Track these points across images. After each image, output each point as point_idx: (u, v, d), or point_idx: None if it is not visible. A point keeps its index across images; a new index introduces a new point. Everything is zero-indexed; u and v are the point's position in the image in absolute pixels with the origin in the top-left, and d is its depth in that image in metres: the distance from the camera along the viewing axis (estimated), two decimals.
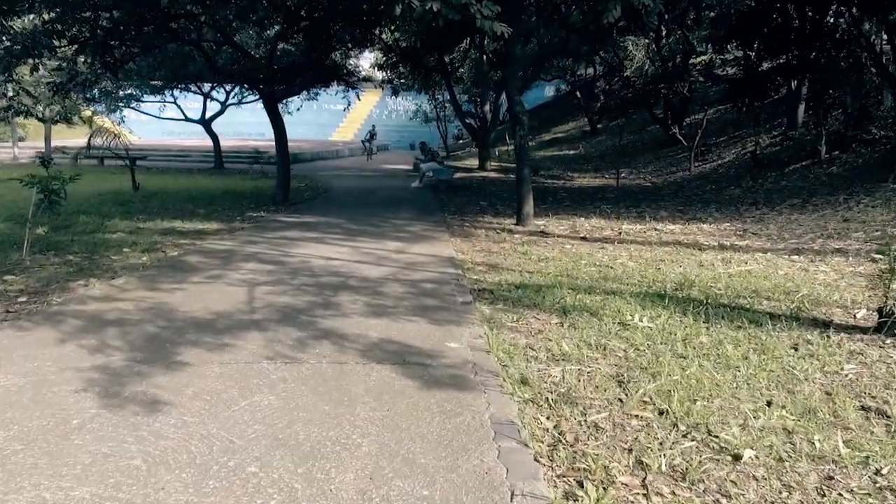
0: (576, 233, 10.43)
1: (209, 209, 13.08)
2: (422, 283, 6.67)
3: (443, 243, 9.25)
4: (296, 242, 9.10)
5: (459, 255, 8.32)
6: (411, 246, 8.97)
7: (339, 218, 11.85)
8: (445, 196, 15.89)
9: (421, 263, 7.73)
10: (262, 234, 9.95)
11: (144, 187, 17.21)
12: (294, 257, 8.01)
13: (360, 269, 7.34)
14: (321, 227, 10.61)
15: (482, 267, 7.63)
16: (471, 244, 9.29)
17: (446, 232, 10.35)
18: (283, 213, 12.73)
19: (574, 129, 31.90)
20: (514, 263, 7.90)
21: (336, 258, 7.96)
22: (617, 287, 6.70)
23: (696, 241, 9.42)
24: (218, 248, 8.68)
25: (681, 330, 5.24)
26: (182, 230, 10.36)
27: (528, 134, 11.26)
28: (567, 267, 7.67)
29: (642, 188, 17.58)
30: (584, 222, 11.48)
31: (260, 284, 6.44)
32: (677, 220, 11.53)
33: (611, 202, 14.48)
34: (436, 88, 26.64)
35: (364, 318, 5.23)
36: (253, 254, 8.17)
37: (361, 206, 13.76)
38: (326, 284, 6.49)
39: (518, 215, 11.15)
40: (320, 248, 8.73)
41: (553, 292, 6.31)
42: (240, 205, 13.85)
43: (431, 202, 14.74)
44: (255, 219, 11.81)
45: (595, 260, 8.11)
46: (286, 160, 13.84)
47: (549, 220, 11.63)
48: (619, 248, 9.02)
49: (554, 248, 8.98)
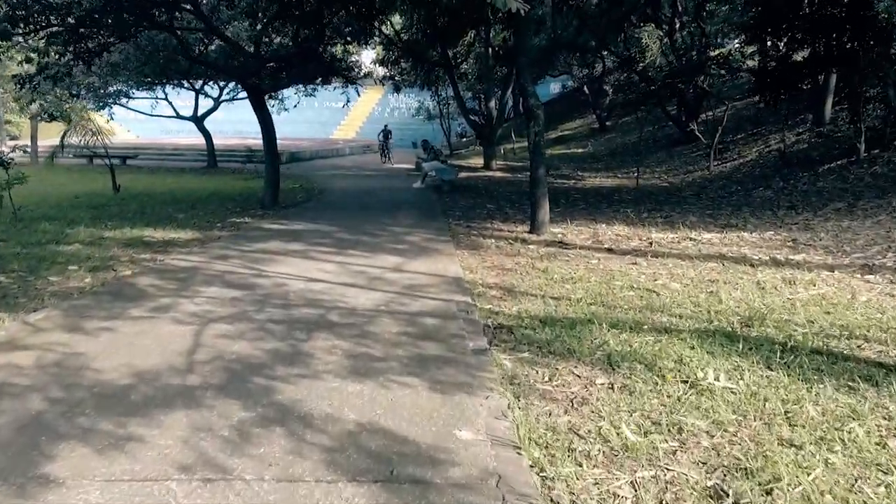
0: (599, 243, 8.90)
1: (189, 214, 11.60)
2: (422, 316, 5.16)
3: (447, 258, 7.73)
4: (275, 258, 7.59)
5: (468, 275, 6.80)
6: (411, 262, 7.45)
7: (332, 225, 10.34)
8: (449, 198, 14.37)
9: (422, 287, 6.21)
10: (238, 245, 8.45)
11: (128, 188, 15.75)
12: (269, 278, 6.50)
13: (346, 295, 5.83)
14: (309, 237, 9.10)
15: (496, 291, 6.11)
16: (480, 258, 7.77)
17: (451, 242, 8.84)
18: (269, 218, 11.22)
19: (582, 126, 30.30)
20: (533, 285, 6.38)
21: (320, 279, 6.46)
22: (668, 321, 5.19)
23: (742, 255, 7.89)
24: (181, 264, 7.18)
25: (774, 394, 3.75)
26: (150, 240, 8.87)
27: (543, 130, 9.73)
28: (599, 290, 6.16)
29: (660, 189, 16.03)
30: (605, 229, 9.94)
31: (215, 321, 4.93)
32: (710, 227, 9.99)
33: (630, 204, 12.94)
34: (439, 84, 25.09)
35: (341, 382, 3.72)
36: (220, 274, 6.66)
37: (358, 211, 12.25)
38: (300, 320, 4.98)
39: (532, 222, 9.63)
40: (303, 264, 7.22)
41: (590, 331, 4.81)
42: (224, 209, 12.35)
43: (434, 205, 13.22)
44: (236, 226, 10.30)
45: (630, 280, 6.59)
46: (275, 160, 12.34)
47: (567, 227, 10.10)
48: (653, 262, 7.50)
49: (578, 264, 7.45)
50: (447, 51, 20.91)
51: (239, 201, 13.50)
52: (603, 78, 27.01)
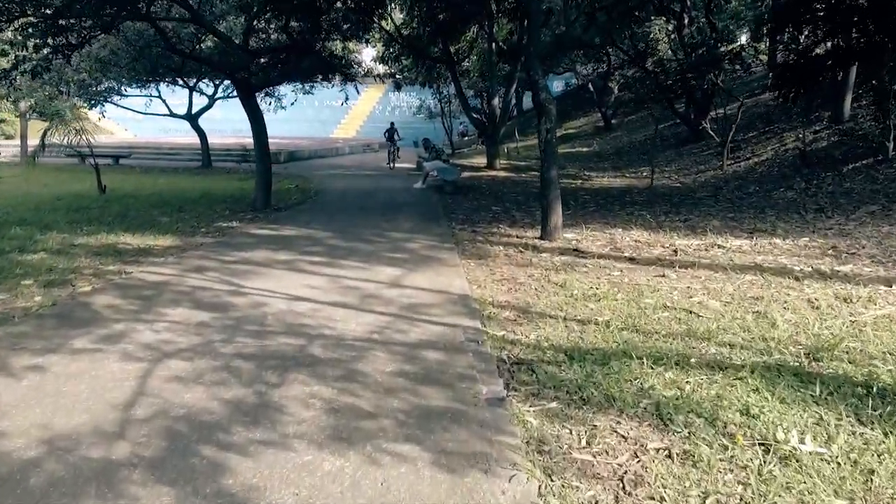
0: (618, 250, 7.97)
1: (174, 217, 10.67)
2: (423, 349, 4.23)
3: (452, 269, 6.80)
4: (258, 270, 6.66)
5: (475, 290, 5.87)
6: (411, 274, 6.51)
7: (326, 230, 9.41)
8: (452, 199, 13.43)
9: (423, 307, 5.28)
10: (220, 254, 7.52)
11: (115, 189, 14.83)
12: (247, 295, 5.57)
13: (334, 318, 4.90)
14: (299, 245, 8.16)
15: (509, 312, 5.19)
16: (488, 269, 6.84)
17: (455, 250, 7.91)
18: (259, 222, 10.29)
19: (586, 124, 29.32)
20: (552, 304, 5.45)
21: (305, 297, 5.53)
22: (717, 352, 4.27)
23: (781, 265, 6.95)
24: (151, 278, 6.25)
25: (878, 463, 2.83)
26: (124, 248, 7.95)
27: (555, 127, 8.80)
28: (629, 311, 5.23)
29: (673, 189, 15.07)
30: (623, 235, 9.01)
31: (171, 356, 4.01)
32: (737, 232, 9.05)
33: (644, 206, 12.00)
34: (440, 82, 24.14)
35: (315, 454, 2.79)
36: (191, 290, 5.73)
37: (354, 213, 11.31)
38: (275, 355, 4.05)
39: (543, 227, 8.69)
40: (289, 278, 6.30)
41: (628, 367, 3.89)
42: (212, 211, 11.42)
43: (436, 207, 12.28)
44: (222, 231, 9.38)
45: (662, 297, 5.66)
46: (267, 160, 11.41)
47: (581, 233, 9.17)
48: (683, 275, 6.56)
49: (599, 277, 6.52)
50: (449, 47, 19.97)
51: (229, 203, 12.56)
52: (608, 75, 26.06)
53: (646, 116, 26.80)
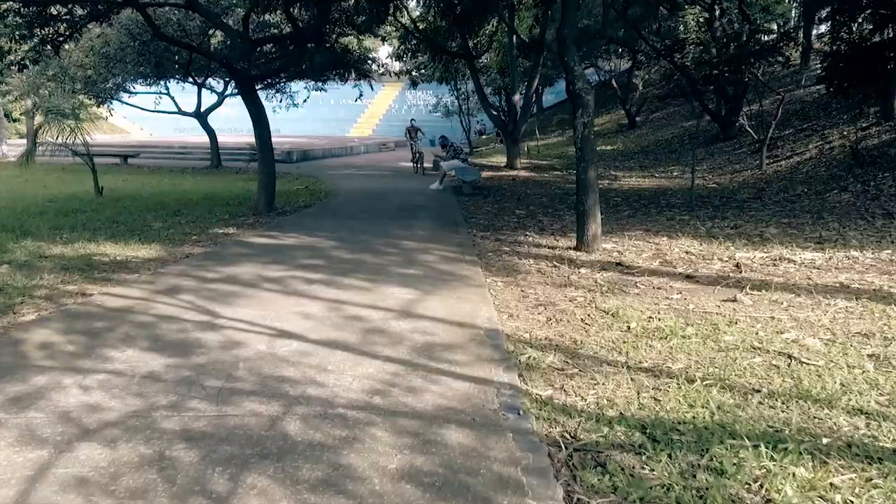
0: (669, 265, 6.67)
1: (168, 223, 9.53)
2: (443, 425, 2.97)
3: (475, 290, 5.54)
4: (244, 291, 5.45)
5: (507, 322, 4.62)
6: (426, 298, 5.26)
7: (331, 238, 8.20)
8: (471, 202, 12.17)
9: (441, 349, 4.02)
10: (204, 270, 6.32)
11: (114, 190, 13.74)
12: (220, 330, 4.36)
13: (325, 368, 3.67)
14: (298, 257, 6.95)
15: (553, 356, 3.92)
16: (519, 291, 5.58)
17: (478, 264, 6.65)
18: (259, 228, 9.11)
19: (609, 122, 27.86)
20: (606, 343, 4.18)
21: (294, 334, 4.30)
22: (851, 427, 2.97)
23: (874, 286, 5.61)
24: (112, 303, 5.06)
25: None
26: (99, 260, 6.79)
27: (593, 120, 7.50)
28: (708, 354, 3.96)
29: (710, 191, 13.66)
30: (669, 245, 7.69)
31: (89, 435, 2.79)
32: (801, 242, 7.68)
33: (683, 210, 10.65)
34: (458, 78, 22.84)
35: None
36: (154, 322, 4.53)
37: (365, 218, 10.08)
38: (233, 436, 2.82)
39: (580, 236, 7.40)
40: (278, 304, 5.08)
41: (737, 459, 2.61)
42: (211, 215, 10.27)
43: (454, 211, 11.03)
44: (216, 239, 8.20)
45: (744, 333, 4.37)
46: (270, 160, 10.24)
47: (621, 242, 7.87)
48: (759, 299, 5.26)
49: (656, 301, 5.24)
50: (468, 41, 18.70)
51: (232, 206, 11.41)
52: (633, 71, 24.60)
53: (672, 114, 25.34)
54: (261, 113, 9.87)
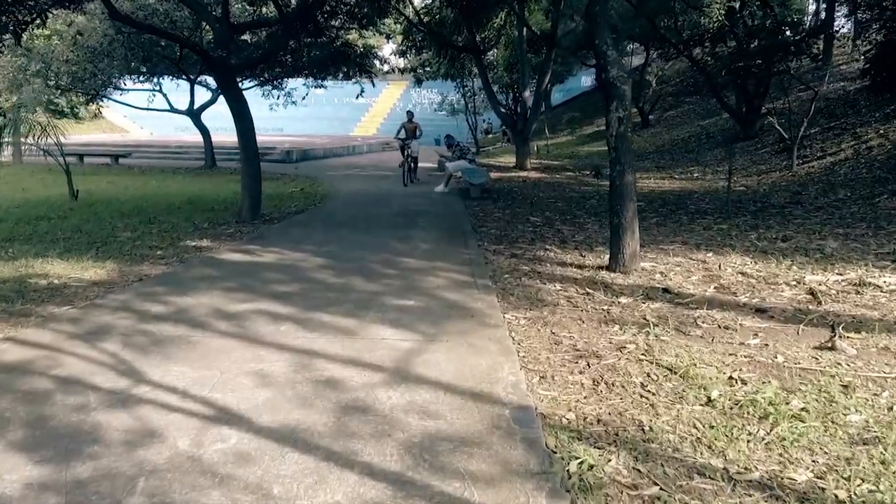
0: (727, 291, 5.29)
1: (139, 232, 8.22)
2: None
3: (492, 333, 4.17)
4: (190, 337, 4.10)
5: (539, 389, 3.26)
6: (426, 348, 3.89)
7: (319, 253, 6.84)
8: (479, 207, 10.80)
9: (446, 451, 2.66)
10: (152, 300, 4.98)
11: (92, 194, 12.43)
12: (134, 408, 3.01)
13: (266, 494, 2.31)
14: (273, 282, 5.60)
15: (616, 461, 2.56)
16: (549, 333, 4.22)
17: (493, 290, 5.29)
18: (238, 240, 7.76)
19: None
20: (685, 429, 2.84)
21: (236, 413, 2.95)
22: None
23: None
24: (8, 356, 3.72)
25: None
26: (35, 284, 5.47)
27: (630, 114, 6.12)
28: (841, 452, 2.60)
29: (739, 194, 12.25)
30: (718, 262, 6.31)
31: None
32: (871, 259, 6.28)
33: (718, 217, 9.27)
34: (464, 74, 21.43)
35: None
36: (46, 392, 3.18)
37: (362, 227, 8.72)
38: None
39: (614, 254, 6.01)
40: (230, 357, 3.72)
41: None
42: (189, 223, 8.94)
43: (461, 218, 9.66)
44: (183, 255, 6.86)
45: (876, 412, 3.01)
46: (254, 161, 8.89)
47: (659, 258, 6.50)
48: (863, 348, 3.91)
49: (730, 349, 3.88)
50: (475, 34, 17.31)
51: (216, 212, 10.08)
52: (646, 67, 23.13)
53: (687, 112, 23.87)
54: (242, 108, 8.52)
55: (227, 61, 7.91)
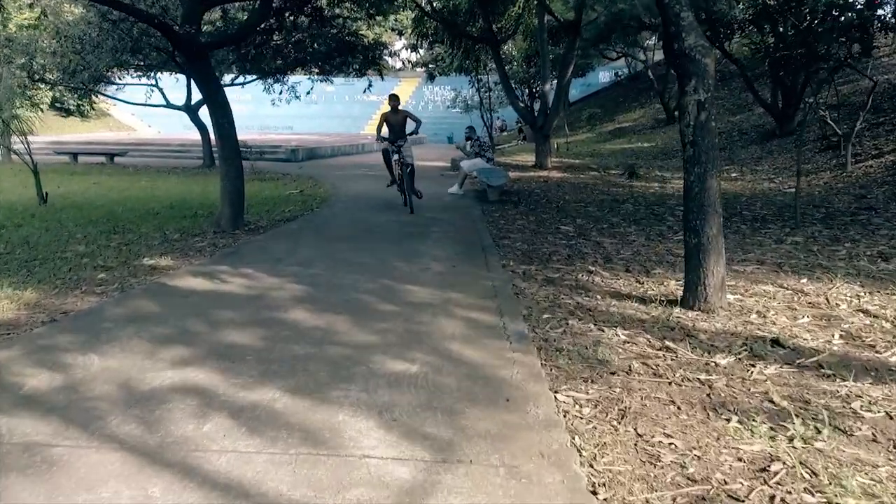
0: (863, 344, 3.62)
1: (95, 245, 6.69)
2: None
3: (541, 439, 2.52)
4: (61, 440, 2.49)
5: None
6: (434, 480, 2.26)
7: (301, 279, 5.22)
8: (499, 212, 9.15)
9: None
10: (46, 359, 3.39)
11: (68, 197, 10.95)
12: None
13: None
14: (228, 325, 3.99)
15: None
16: (633, 435, 2.56)
17: (531, 342, 3.64)
18: (208, 256, 6.17)
19: (643, 117, 24.49)
20: None
21: None
22: None
23: None
24: None
25: None
26: None
27: (712, 98, 4.44)
28: None
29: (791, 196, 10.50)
30: (824, 293, 4.61)
31: None
32: None
33: (783, 226, 7.55)
34: (479, 68, 19.72)
35: None
36: None
37: (360, 240, 7.10)
38: None
39: (692, 284, 4.32)
40: (91, 493, 2.11)
41: None
42: (159, 233, 7.39)
43: (479, 227, 8.01)
44: (134, 277, 5.28)
45: None
46: (235, 158, 7.30)
47: (741, 285, 4.82)
48: None
49: None
50: (491, 23, 15.61)
51: (197, 218, 8.52)
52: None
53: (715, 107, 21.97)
54: (216, 95, 6.94)
55: (196, 39, 6.32)
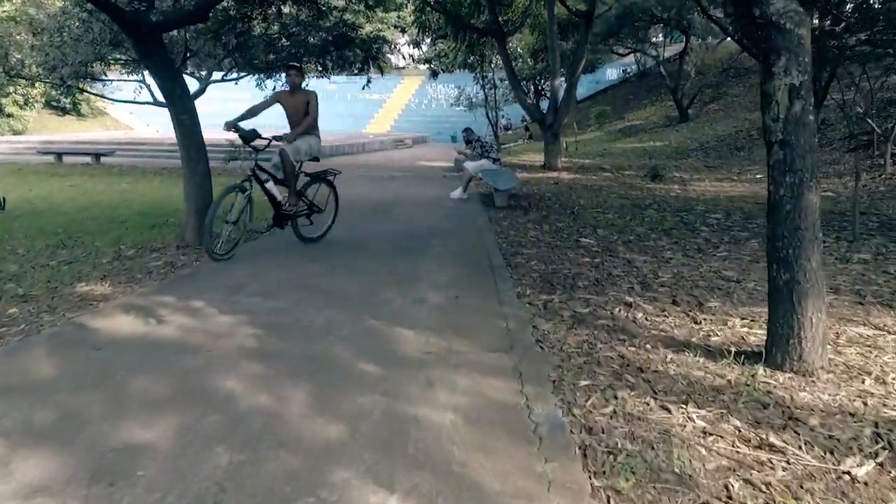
0: None
1: (35, 263, 5.51)
2: None
3: None
4: None
5: None
6: None
7: (257, 318, 4.00)
8: (508, 220, 7.93)
9: None
10: None
11: (31, 202, 9.81)
12: None
13: None
14: (145, 402, 2.80)
15: None
16: None
17: (564, 429, 2.43)
18: (157, 281, 4.96)
19: (655, 115, 23.15)
20: None
21: None
22: None
23: None
24: None
25: None
26: None
27: (809, 82, 3.23)
28: None
29: (829, 200, 9.22)
30: None
31: None
32: None
33: (839, 239, 6.31)
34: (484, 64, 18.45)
35: None
36: None
37: (344, 259, 5.87)
38: None
39: (783, 337, 3.08)
40: None
41: None
42: (112, 249, 6.20)
43: (486, 239, 6.79)
44: (48, 314, 4.07)
45: None
46: (200, 159, 6.10)
47: (850, 347, 3.57)
48: None
49: None
50: (497, 15, 14.37)
51: (165, 228, 7.34)
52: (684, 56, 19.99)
53: (730, 104, 20.64)
54: (174, 86, 5.73)
55: (145, 17, 5.12)
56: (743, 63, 21.51)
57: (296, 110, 6.12)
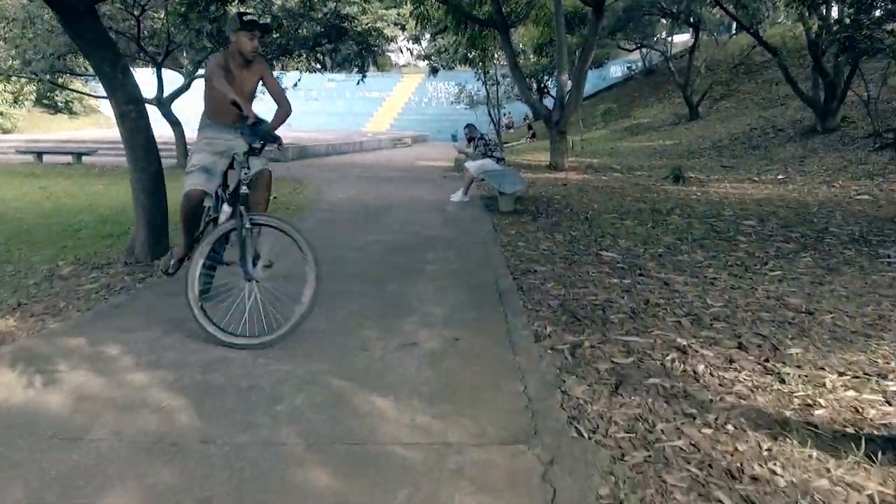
0: None
1: None
2: None
3: None
4: None
5: None
6: None
7: (194, 373, 2.93)
8: (515, 228, 6.84)
9: None
10: None
11: None
12: None
13: None
14: None
15: None
16: None
17: None
18: (80, 314, 3.89)
19: (662, 112, 21.99)
20: None
21: None
22: None
23: None
24: None
25: None
26: None
27: None
28: None
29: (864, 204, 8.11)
30: None
31: None
32: None
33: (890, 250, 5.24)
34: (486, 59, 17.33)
35: None
36: None
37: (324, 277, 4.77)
38: None
39: None
40: None
41: None
42: (54, 262, 5.12)
43: (490, 251, 5.70)
44: None
45: None
46: (151, 163, 5.02)
47: None
48: None
49: None
50: (500, 5, 13.27)
51: (123, 238, 6.24)
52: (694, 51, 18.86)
53: (742, 101, 19.50)
54: (116, 73, 4.66)
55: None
56: (754, 59, 20.38)
57: (247, 89, 3.79)
